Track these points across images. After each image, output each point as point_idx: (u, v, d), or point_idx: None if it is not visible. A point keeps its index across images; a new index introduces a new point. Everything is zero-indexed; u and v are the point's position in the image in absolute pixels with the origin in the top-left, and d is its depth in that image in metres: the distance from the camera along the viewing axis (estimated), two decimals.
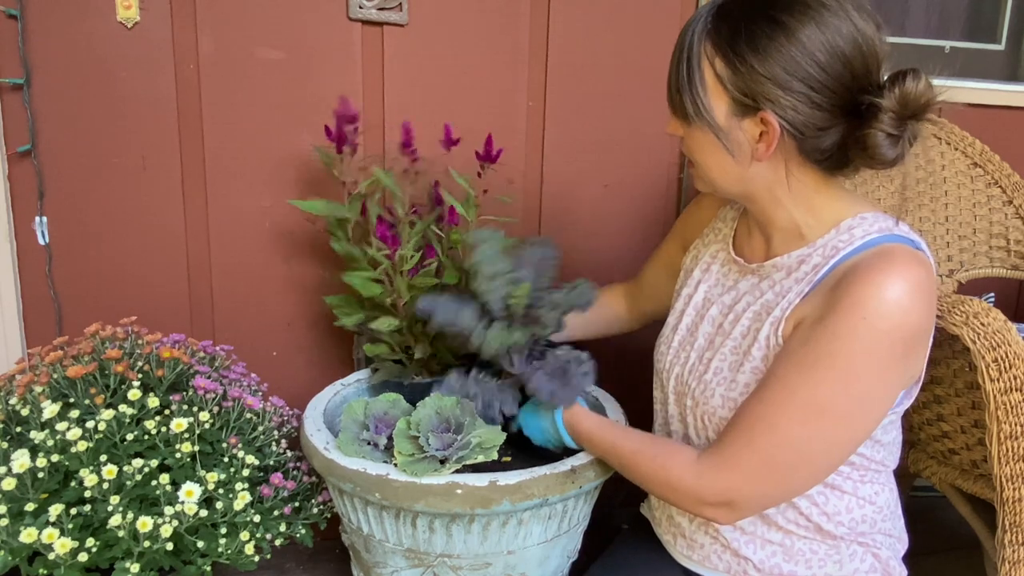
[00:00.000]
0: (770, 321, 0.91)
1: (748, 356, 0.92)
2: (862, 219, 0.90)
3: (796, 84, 0.83)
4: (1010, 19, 1.85)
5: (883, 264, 0.82)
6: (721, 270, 1.06)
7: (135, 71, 1.34)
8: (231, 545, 1.07)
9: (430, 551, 1.06)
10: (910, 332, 0.82)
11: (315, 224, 1.42)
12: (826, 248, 0.90)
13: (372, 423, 1.13)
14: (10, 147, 1.33)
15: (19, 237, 1.38)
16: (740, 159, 0.90)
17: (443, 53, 1.42)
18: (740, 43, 0.85)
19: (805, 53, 0.83)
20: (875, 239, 0.88)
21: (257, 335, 1.49)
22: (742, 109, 0.87)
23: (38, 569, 1.00)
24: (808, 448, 0.85)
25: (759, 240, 1.01)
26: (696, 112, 0.89)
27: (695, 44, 0.88)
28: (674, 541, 1.06)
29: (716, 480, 0.88)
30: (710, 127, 0.89)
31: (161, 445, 1.09)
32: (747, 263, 1.01)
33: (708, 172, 0.94)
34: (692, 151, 0.95)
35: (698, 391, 0.98)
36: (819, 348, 0.82)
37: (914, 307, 0.81)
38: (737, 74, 0.85)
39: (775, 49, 0.83)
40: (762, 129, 0.87)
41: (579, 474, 1.05)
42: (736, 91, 0.86)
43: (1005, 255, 1.51)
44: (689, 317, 1.06)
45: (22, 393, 1.11)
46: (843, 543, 0.96)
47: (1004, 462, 1.02)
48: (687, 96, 0.89)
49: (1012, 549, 1.04)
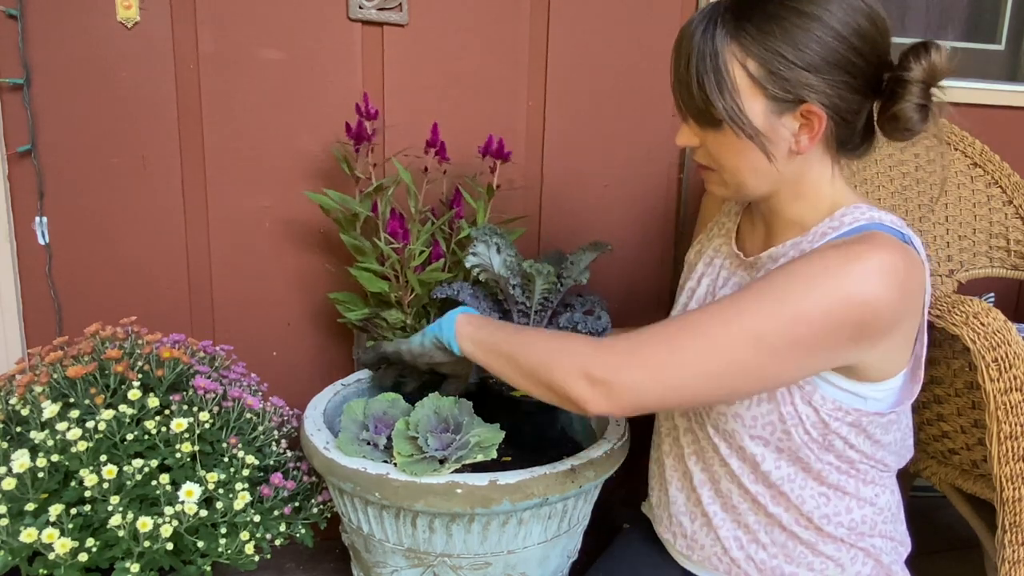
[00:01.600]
0: None
1: None
2: (856, 207, 0.91)
3: (835, 71, 0.83)
4: (1010, 19, 1.85)
5: (860, 241, 0.83)
6: (723, 263, 1.06)
7: (135, 71, 1.34)
8: (231, 545, 1.07)
9: (430, 551, 1.06)
10: (869, 313, 0.80)
11: (322, 222, 1.42)
12: (817, 234, 0.91)
13: (371, 423, 1.13)
14: (10, 147, 1.33)
15: (19, 237, 1.38)
16: (776, 157, 0.88)
17: (443, 53, 1.42)
18: (773, 40, 0.83)
19: (839, 37, 0.83)
20: (863, 225, 0.88)
21: (257, 335, 1.49)
22: (781, 106, 0.85)
23: (38, 569, 1.00)
24: (723, 364, 0.82)
25: (761, 232, 1.01)
26: (731, 118, 0.86)
27: (718, 48, 0.85)
28: (674, 540, 1.06)
29: (612, 353, 0.84)
30: (744, 130, 0.86)
31: (161, 445, 1.09)
32: (745, 257, 1.01)
33: (738, 175, 0.92)
34: (719, 156, 0.92)
35: None
36: (777, 283, 0.82)
37: (880, 289, 0.79)
38: (775, 72, 0.84)
39: (811, 39, 0.83)
40: (801, 122, 0.86)
41: (579, 474, 1.05)
42: (776, 89, 0.84)
43: (1005, 255, 1.51)
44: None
45: (22, 393, 1.11)
46: (844, 546, 0.95)
47: (1004, 462, 1.02)
48: (718, 103, 0.86)
49: (1012, 549, 1.04)
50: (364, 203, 1.27)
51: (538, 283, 1.18)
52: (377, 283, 1.23)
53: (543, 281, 1.18)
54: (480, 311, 1.14)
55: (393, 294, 1.25)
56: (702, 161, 0.95)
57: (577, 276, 1.23)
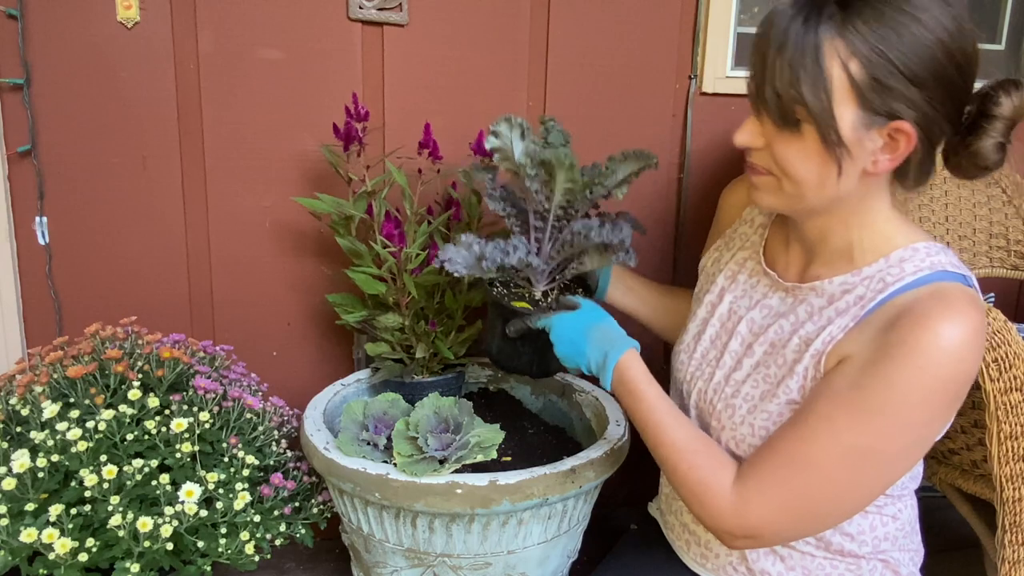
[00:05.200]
0: (810, 353, 0.86)
1: (783, 386, 0.88)
2: (914, 251, 0.85)
3: (938, 88, 0.77)
4: (1010, 19, 1.85)
5: (940, 309, 0.78)
6: (749, 281, 1.00)
7: (135, 71, 1.34)
8: (231, 545, 1.07)
9: (430, 551, 1.06)
10: (964, 379, 0.79)
11: (320, 222, 1.42)
12: (873, 280, 0.85)
13: (371, 423, 1.13)
14: (10, 147, 1.33)
15: (19, 237, 1.38)
16: (847, 174, 0.81)
17: (443, 53, 1.42)
18: (883, 42, 0.75)
19: (947, 53, 0.76)
20: (927, 276, 0.82)
21: (257, 335, 1.49)
22: (872, 119, 0.77)
23: (38, 569, 1.00)
24: (846, 489, 0.83)
25: (798, 255, 0.94)
26: (820, 121, 0.77)
27: (820, 41, 0.76)
28: (687, 548, 1.04)
29: (748, 515, 0.84)
30: (829, 138, 0.78)
31: (161, 445, 1.09)
32: (780, 279, 0.95)
33: (801, 187, 0.83)
34: (785, 162, 0.83)
35: (725, 415, 0.93)
36: (872, 395, 0.78)
37: (971, 355, 0.78)
38: (878, 79, 0.75)
39: (922, 48, 0.75)
40: (886, 140, 0.79)
41: (579, 474, 1.05)
42: (874, 98, 0.76)
43: (1005, 255, 1.51)
44: (713, 328, 1.00)
45: (22, 393, 1.11)
46: (864, 561, 0.94)
47: (1004, 462, 1.02)
48: (811, 102, 0.76)
49: (1012, 549, 1.04)
50: (358, 205, 1.26)
51: (559, 178, 1.02)
52: (374, 285, 1.23)
53: (566, 177, 1.01)
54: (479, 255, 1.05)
55: (390, 297, 1.24)
56: (761, 164, 0.86)
57: (613, 187, 1.07)
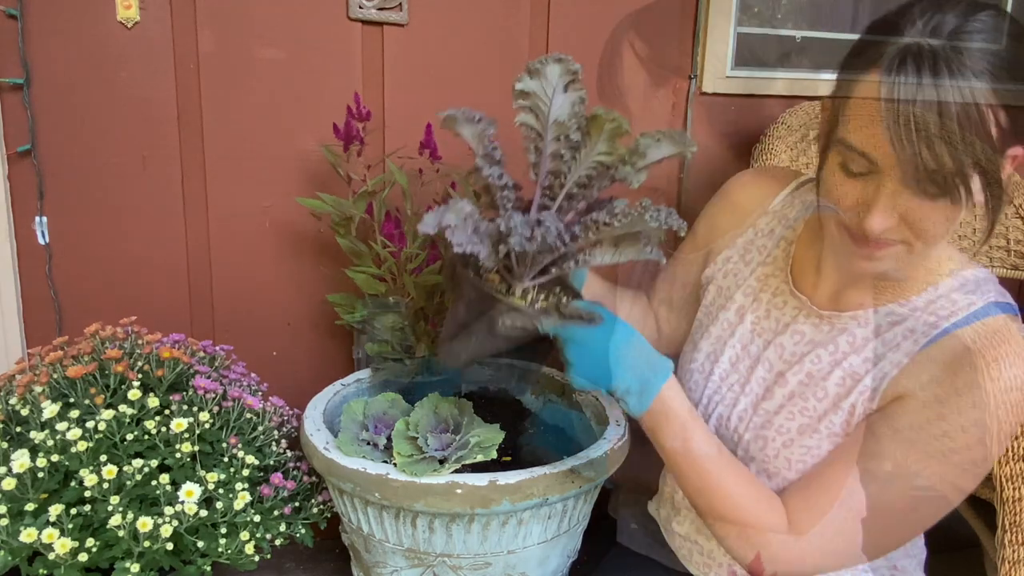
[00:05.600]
0: (859, 390, 0.84)
1: (825, 421, 0.86)
2: (963, 280, 0.83)
3: None
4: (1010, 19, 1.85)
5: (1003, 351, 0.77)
6: (774, 301, 0.94)
7: (135, 71, 1.34)
8: (231, 545, 1.07)
9: (430, 551, 1.06)
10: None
11: (320, 222, 1.42)
12: (924, 312, 0.83)
13: (371, 423, 1.13)
14: (10, 147, 1.33)
15: (19, 237, 1.38)
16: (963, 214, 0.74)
17: (443, 53, 1.42)
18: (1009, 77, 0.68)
19: None
20: (981, 310, 0.81)
21: (257, 335, 1.49)
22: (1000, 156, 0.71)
23: (38, 569, 1.00)
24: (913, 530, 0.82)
25: (833, 279, 0.89)
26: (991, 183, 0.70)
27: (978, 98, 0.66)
28: (690, 556, 1.04)
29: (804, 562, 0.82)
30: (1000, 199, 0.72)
31: (161, 445, 1.09)
32: (813, 303, 0.90)
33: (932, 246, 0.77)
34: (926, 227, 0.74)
35: (755, 446, 0.90)
36: (943, 440, 0.77)
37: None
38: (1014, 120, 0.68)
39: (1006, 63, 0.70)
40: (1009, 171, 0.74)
41: (579, 474, 1.05)
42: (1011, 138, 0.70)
43: (1005, 255, 1.51)
44: (733, 350, 0.96)
45: (22, 393, 1.11)
46: (874, 571, 0.95)
47: (1004, 462, 1.02)
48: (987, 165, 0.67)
49: (1012, 549, 1.04)
50: (358, 205, 1.26)
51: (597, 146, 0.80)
52: (374, 286, 1.23)
53: (607, 146, 0.80)
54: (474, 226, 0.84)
55: (391, 297, 1.24)
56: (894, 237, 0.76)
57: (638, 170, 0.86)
